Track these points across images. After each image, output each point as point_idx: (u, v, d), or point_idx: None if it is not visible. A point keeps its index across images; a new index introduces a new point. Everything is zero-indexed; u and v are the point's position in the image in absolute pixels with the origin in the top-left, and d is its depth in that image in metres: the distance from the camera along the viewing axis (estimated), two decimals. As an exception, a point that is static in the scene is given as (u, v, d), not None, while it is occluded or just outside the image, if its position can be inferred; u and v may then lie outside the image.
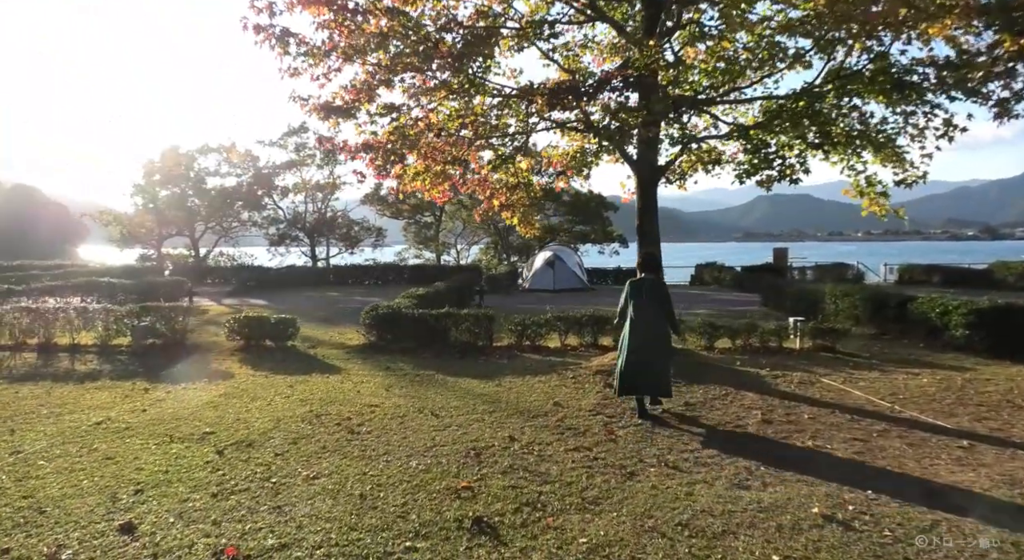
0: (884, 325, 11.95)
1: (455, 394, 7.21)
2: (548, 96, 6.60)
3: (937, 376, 8.24)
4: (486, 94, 7.16)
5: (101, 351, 9.69)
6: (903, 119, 8.25)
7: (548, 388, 7.52)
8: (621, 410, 6.51)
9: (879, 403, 6.90)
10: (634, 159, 8.57)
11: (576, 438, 5.55)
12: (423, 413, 6.32)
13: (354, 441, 5.35)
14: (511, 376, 8.23)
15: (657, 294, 6.40)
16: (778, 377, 8.13)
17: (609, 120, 7.33)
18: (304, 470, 4.61)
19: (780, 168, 7.64)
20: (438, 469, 4.68)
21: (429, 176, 8.34)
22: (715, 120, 9.01)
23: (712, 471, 4.74)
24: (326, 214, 40.35)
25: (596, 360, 9.00)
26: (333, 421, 5.97)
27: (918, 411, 6.57)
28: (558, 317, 10.50)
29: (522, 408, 6.57)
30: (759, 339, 10.28)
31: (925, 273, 25.67)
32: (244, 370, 8.53)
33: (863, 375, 8.36)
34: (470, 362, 9.30)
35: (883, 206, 8.81)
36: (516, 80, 8.68)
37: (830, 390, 7.52)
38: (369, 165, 8.03)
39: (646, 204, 8.63)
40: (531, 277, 25.82)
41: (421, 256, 44.08)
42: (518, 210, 9.88)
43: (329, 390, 7.34)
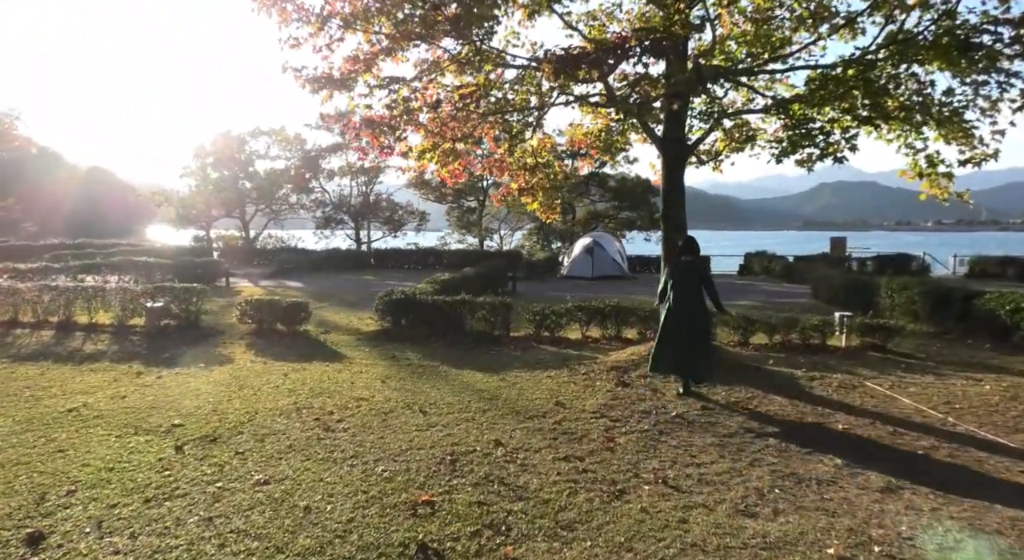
0: (946, 323, 10.80)
1: (453, 388, 6.74)
2: (555, 64, 5.96)
3: (1003, 383, 7.25)
4: (492, 64, 6.56)
5: (116, 331, 9.67)
6: (973, 90, 7.21)
7: (555, 385, 6.96)
8: (628, 412, 5.90)
9: (930, 413, 6.05)
10: (659, 137, 7.82)
11: (570, 445, 4.98)
12: (411, 409, 5.87)
13: (325, 440, 4.94)
14: (519, 370, 7.70)
15: (699, 276, 6.58)
16: (815, 379, 7.31)
17: (629, 92, 6.61)
18: (258, 473, 4.22)
19: (823, 145, 6.76)
20: (403, 477, 4.21)
21: (437, 154, 7.83)
22: (752, 93, 8.14)
23: (716, 492, 4.10)
24: (370, 197, 40.55)
25: (614, 355, 8.37)
26: (312, 416, 5.59)
27: (976, 424, 5.70)
28: (579, 307, 9.88)
29: (520, 407, 6.04)
30: (800, 335, 9.40)
31: (999, 266, 23.65)
32: (246, 356, 8.30)
33: (915, 379, 7.45)
34: (481, 353, 8.82)
35: (945, 189, 7.79)
36: (535, 53, 8.05)
37: (874, 396, 6.68)
38: (372, 142, 7.58)
39: (672, 186, 7.88)
40: (569, 264, 25.15)
41: (464, 241, 43.82)
42: (538, 193, 9.27)
43: (323, 380, 6.99)
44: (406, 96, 7.01)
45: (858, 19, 7.29)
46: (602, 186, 40.06)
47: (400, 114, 7.19)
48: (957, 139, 7.48)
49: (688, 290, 6.56)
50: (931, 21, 6.59)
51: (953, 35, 6.12)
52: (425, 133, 7.67)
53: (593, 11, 8.52)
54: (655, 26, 5.92)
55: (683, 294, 6.54)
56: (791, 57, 7.73)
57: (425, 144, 7.70)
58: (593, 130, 9.44)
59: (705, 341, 6.69)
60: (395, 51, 6.91)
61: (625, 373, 7.40)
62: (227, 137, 35.89)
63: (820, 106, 7.03)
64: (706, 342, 6.69)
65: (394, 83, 6.85)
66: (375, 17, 6.72)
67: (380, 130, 7.27)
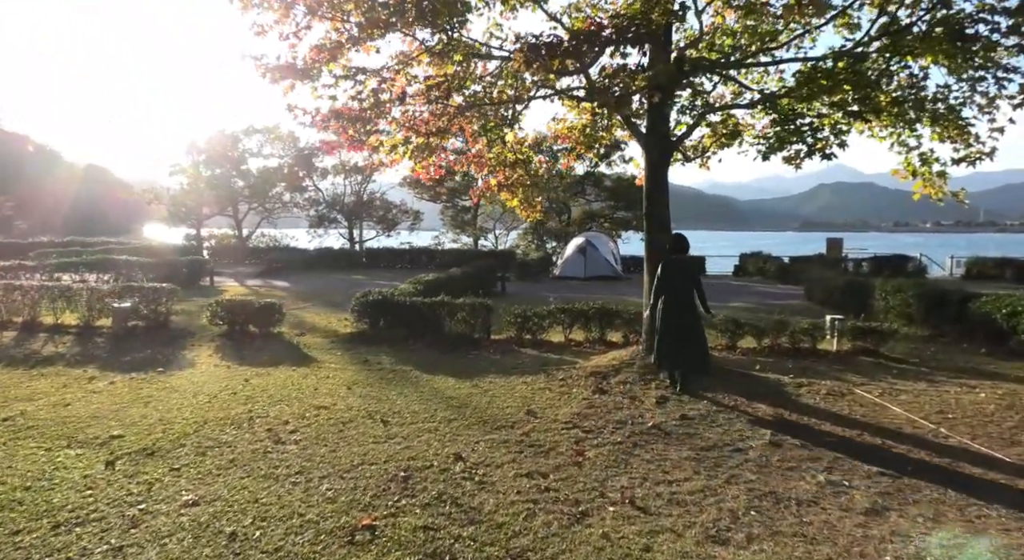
0: (941, 326, 10.49)
1: (421, 396, 6.40)
2: (526, 53, 5.63)
3: (998, 391, 6.93)
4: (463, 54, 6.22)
5: (81, 333, 9.32)
6: (969, 86, 6.89)
7: (529, 392, 6.63)
8: (603, 422, 5.57)
9: (921, 423, 5.73)
10: (642, 132, 7.49)
11: (535, 459, 4.65)
12: (372, 419, 5.54)
13: (272, 454, 4.60)
14: (494, 375, 7.37)
15: (690, 275, 6.82)
16: (803, 386, 6.99)
17: (609, 84, 6.28)
18: (189, 492, 3.89)
19: (811, 141, 6.43)
20: (348, 497, 3.88)
21: (410, 149, 7.48)
22: (740, 87, 7.80)
23: (687, 514, 3.77)
24: (364, 196, 40.22)
25: (595, 359, 8.04)
26: (265, 426, 5.25)
27: (969, 436, 5.38)
28: (562, 309, 9.55)
29: (488, 416, 5.71)
30: (789, 339, 9.08)
31: (996, 267, 23.39)
32: (211, 359, 7.96)
33: (907, 386, 7.13)
34: (459, 357, 8.48)
35: (939, 189, 7.47)
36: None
37: (863, 405, 6.36)
38: (342, 135, 7.23)
39: (655, 183, 7.55)
40: (562, 264, 24.85)
41: (458, 240, 43.48)
42: (518, 191, 8.93)
43: (285, 386, 6.65)
44: (374, 88, 6.67)
45: (849, 9, 6.96)
46: (598, 186, 39.76)
47: (370, 107, 6.84)
48: (952, 137, 7.15)
49: (683, 288, 6.73)
50: (925, 10, 6.26)
51: (947, 25, 5.79)
52: (397, 127, 7.32)
53: (577, 2, 8.19)
54: (633, 13, 5.58)
55: (677, 292, 6.69)
56: (780, 49, 7.40)
57: (397, 138, 7.35)
58: (577, 125, 9.10)
59: (702, 338, 6.87)
60: (364, 41, 6.56)
61: (604, 379, 7.08)
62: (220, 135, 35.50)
63: (809, 101, 6.70)
64: (703, 338, 6.85)
65: (360, 73, 6.51)
66: (341, 4, 6.38)
67: (349, 123, 6.92)
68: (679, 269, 6.79)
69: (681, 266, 6.84)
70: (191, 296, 13.79)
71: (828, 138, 6.51)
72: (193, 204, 34.61)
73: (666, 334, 6.71)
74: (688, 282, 6.76)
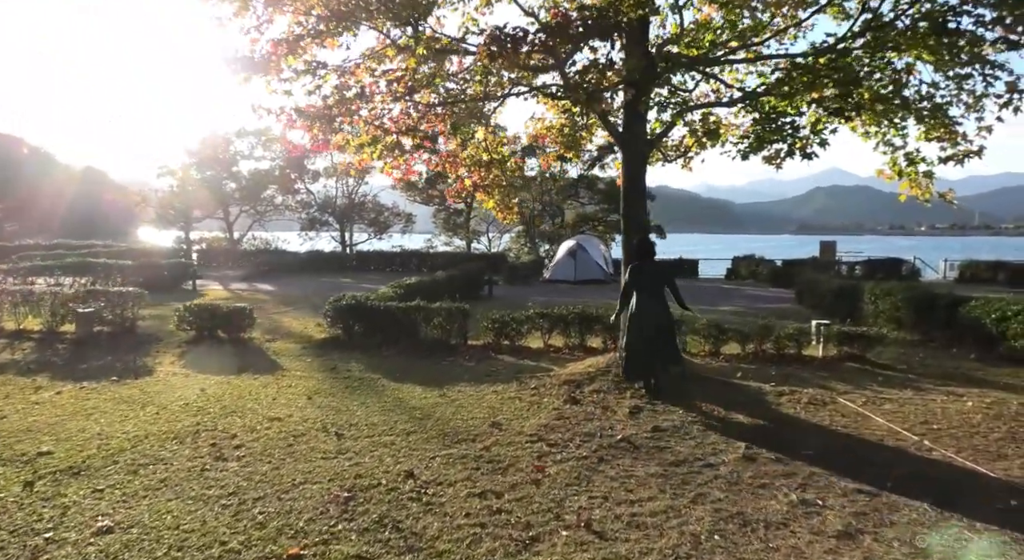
0: (930, 331, 10.25)
1: (384, 406, 6.11)
2: (489, 47, 5.36)
3: (986, 399, 6.68)
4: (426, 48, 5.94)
5: (43, 338, 9.01)
6: (956, 84, 6.65)
7: (498, 401, 6.35)
8: (570, 435, 5.28)
9: (905, 435, 5.46)
10: (619, 131, 7.23)
11: (492, 476, 4.37)
12: (326, 432, 5.24)
13: (209, 472, 4.31)
14: (465, 383, 7.09)
15: (660, 279, 6.64)
16: (784, 395, 6.72)
17: (580, 80, 6.01)
18: (107, 517, 3.58)
19: (791, 140, 6.18)
20: (280, 522, 3.58)
21: (379, 148, 7.20)
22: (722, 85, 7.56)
23: (645, 539, 3.49)
24: (355, 199, 39.97)
25: (570, 367, 7.76)
26: (210, 440, 4.96)
27: (954, 449, 5.11)
28: (540, 314, 9.27)
29: (450, 429, 5.42)
30: (774, 345, 8.81)
31: (990, 270, 23.21)
32: (172, 367, 7.65)
33: (892, 394, 6.87)
34: (432, 363, 8.20)
35: (926, 189, 7.23)
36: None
37: (845, 415, 6.09)
38: (308, 133, 6.95)
39: (633, 184, 7.29)
40: (552, 268, 24.60)
41: (451, 243, 43.22)
42: (494, 192, 8.66)
43: (243, 396, 6.35)
44: (336, 84, 6.39)
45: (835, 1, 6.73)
46: (591, 188, 39.60)
47: (335, 104, 6.56)
48: (939, 135, 6.92)
49: (655, 293, 6.57)
50: (908, 3, 6.02)
51: (931, 18, 5.55)
52: (365, 125, 7.05)
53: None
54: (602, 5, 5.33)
55: (649, 297, 6.52)
56: (762, 45, 7.17)
57: (364, 137, 7.07)
58: (556, 125, 8.85)
59: (674, 342, 6.84)
60: (327, 35, 6.28)
61: (578, 388, 6.80)
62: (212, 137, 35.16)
63: (789, 98, 6.46)
64: (671, 341, 6.74)
65: (320, 68, 6.23)
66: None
67: (313, 121, 6.64)
68: (654, 274, 6.62)
69: (656, 271, 6.67)
70: (171, 300, 13.45)
71: (809, 137, 6.25)
72: (182, 206, 34.22)
73: (635, 345, 6.51)
74: (657, 287, 6.58)
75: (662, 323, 6.60)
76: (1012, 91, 6.16)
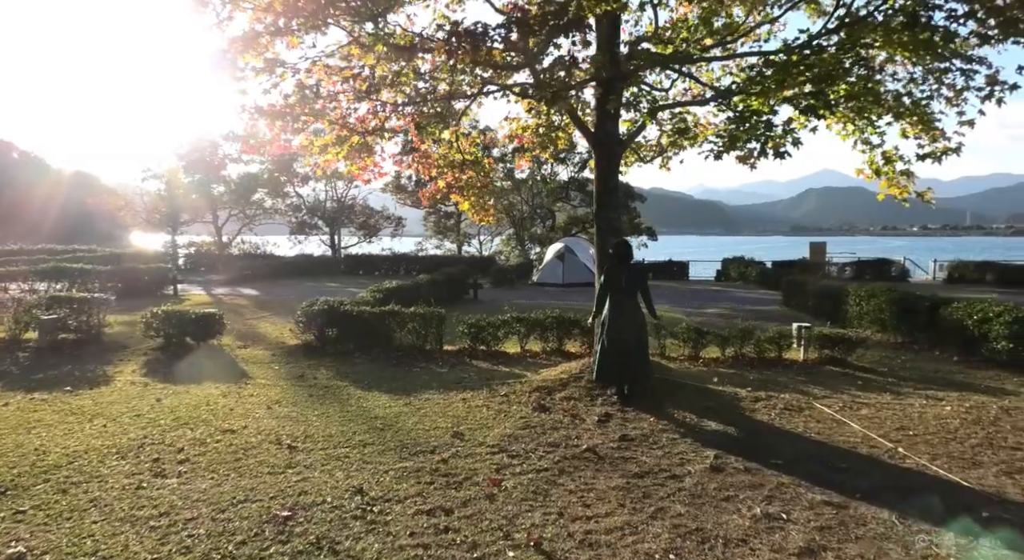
0: (913, 333, 10.11)
1: (345, 416, 5.91)
2: (448, 42, 5.18)
3: (965, 403, 6.53)
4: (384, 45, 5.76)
5: (6, 347, 8.74)
6: (936, 79, 6.52)
7: (465, 409, 6.15)
8: (533, 445, 5.10)
9: (879, 442, 5.30)
10: (591, 130, 7.06)
11: (445, 491, 4.17)
12: (279, 444, 5.04)
13: (145, 490, 4.09)
14: (434, 391, 6.89)
15: (635, 283, 6.45)
16: (759, 400, 6.55)
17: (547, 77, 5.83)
18: (22, 543, 3.35)
19: (764, 139, 6.02)
20: (209, 545, 3.38)
21: (346, 148, 7.00)
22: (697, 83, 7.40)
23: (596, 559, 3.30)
24: (345, 202, 39.74)
25: (544, 373, 7.57)
26: (153, 455, 4.74)
27: (928, 456, 4.95)
28: (517, 318, 9.09)
29: (410, 440, 5.22)
30: (754, 349, 8.66)
31: (978, 271, 23.17)
32: (132, 376, 7.42)
33: (871, 399, 6.72)
34: (404, 370, 8.00)
35: (904, 188, 7.09)
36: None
37: (821, 420, 5.93)
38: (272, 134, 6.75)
39: (605, 185, 7.12)
40: (540, 270, 24.47)
41: (441, 246, 43.02)
42: (469, 194, 8.48)
43: (200, 406, 6.13)
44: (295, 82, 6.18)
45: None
46: (582, 190, 39.44)
47: (296, 103, 6.36)
48: (917, 132, 6.79)
49: (631, 298, 6.45)
50: (882, 0, 5.87)
51: (904, 13, 5.40)
52: (330, 125, 6.85)
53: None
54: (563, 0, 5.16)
55: (624, 302, 6.40)
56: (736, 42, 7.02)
57: (328, 137, 6.87)
58: (531, 125, 8.67)
59: (644, 349, 6.68)
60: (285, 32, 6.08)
61: (549, 395, 6.61)
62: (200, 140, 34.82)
63: (762, 97, 6.29)
64: (644, 349, 6.63)
65: (277, 66, 6.02)
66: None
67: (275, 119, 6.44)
68: (631, 278, 6.44)
69: (633, 275, 6.50)
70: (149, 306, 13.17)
71: (782, 136, 6.08)
72: (169, 210, 33.84)
73: (609, 348, 6.34)
74: (632, 291, 6.43)
75: (637, 329, 6.46)
76: (992, 83, 6.02)
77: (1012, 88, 6.02)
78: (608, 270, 6.54)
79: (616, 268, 6.42)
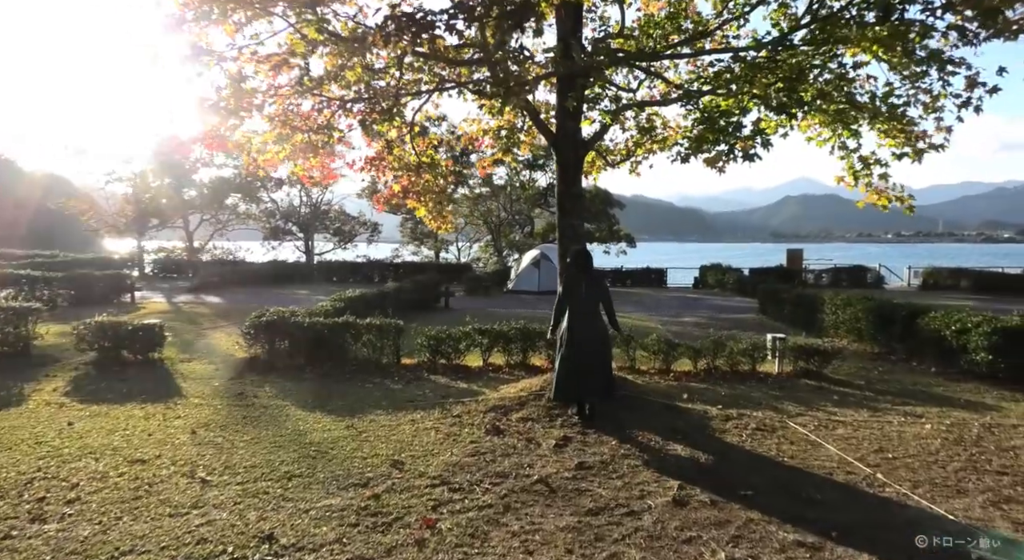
0: (890, 343, 9.81)
1: (276, 441, 5.35)
2: (383, 28, 4.70)
3: (946, 420, 6.17)
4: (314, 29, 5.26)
5: (-78, 363, 8.03)
6: (911, 83, 6.18)
7: (412, 433, 5.63)
8: (480, 476, 4.59)
9: (857, 466, 4.89)
10: (552, 131, 6.61)
11: (368, 536, 3.65)
12: (191, 478, 4.47)
13: (14, 540, 3.50)
14: (383, 411, 6.35)
15: (595, 293, 6.00)
16: (730, 419, 6.13)
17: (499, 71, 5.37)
18: None
19: (733, 141, 5.62)
20: (68, 611, 2.83)
21: (287, 148, 6.47)
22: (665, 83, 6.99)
23: (530, 624, 2.81)
24: (320, 207, 39.00)
25: (503, 389, 7.08)
26: (39, 493, 4.14)
27: (909, 484, 4.55)
28: (480, 330, 8.58)
29: (343, 470, 4.69)
30: (727, 361, 8.26)
31: (952, 277, 23.22)
32: (50, 396, 6.77)
33: (848, 416, 6.33)
34: (355, 387, 7.45)
35: (883, 194, 6.76)
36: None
37: (795, 442, 5.51)
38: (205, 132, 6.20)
39: (568, 189, 6.67)
40: (516, 278, 23.99)
41: (419, 253, 42.38)
42: (426, 199, 7.98)
43: (114, 431, 5.53)
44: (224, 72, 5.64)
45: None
46: (561, 197, 39.04)
47: (229, 96, 5.82)
48: (895, 135, 6.45)
49: (591, 309, 5.98)
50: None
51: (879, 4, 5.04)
52: (270, 122, 6.31)
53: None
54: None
55: (584, 313, 5.92)
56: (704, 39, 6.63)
57: (269, 134, 6.33)
58: (493, 127, 8.21)
59: (608, 364, 6.24)
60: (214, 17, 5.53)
61: (505, 415, 6.11)
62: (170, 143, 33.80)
63: (730, 96, 5.91)
64: (606, 362, 6.18)
65: (204, 55, 5.48)
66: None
67: (208, 114, 5.88)
68: (585, 287, 5.96)
69: (594, 284, 6.05)
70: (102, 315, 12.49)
71: (751, 137, 5.69)
72: (135, 214, 32.75)
73: (569, 364, 5.87)
74: (593, 302, 5.97)
75: (599, 342, 5.99)
76: (972, 85, 5.68)
77: (992, 91, 5.69)
78: (567, 279, 6.11)
79: (575, 277, 5.97)
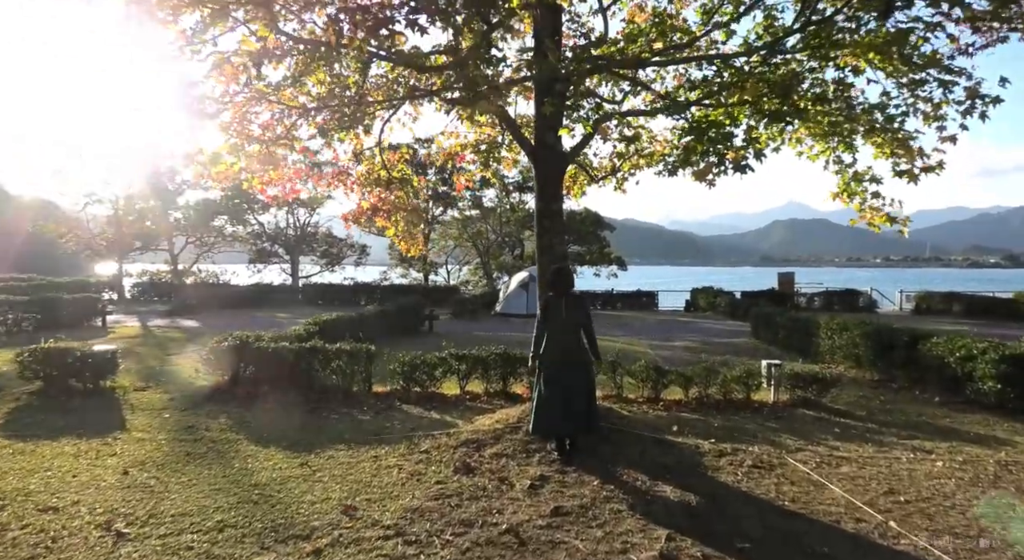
0: (890, 369, 9.35)
1: (216, 484, 4.76)
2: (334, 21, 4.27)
3: (958, 457, 5.66)
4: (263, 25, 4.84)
5: None
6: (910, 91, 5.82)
7: (372, 471, 5.06)
8: (442, 525, 4.03)
9: (866, 512, 4.36)
10: (530, 143, 6.18)
11: (301, 602, 3.08)
12: (106, 530, 3.88)
13: None
14: (344, 446, 5.78)
15: (576, 316, 5.47)
16: (724, 455, 5.59)
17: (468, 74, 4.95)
18: None
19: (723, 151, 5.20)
20: None
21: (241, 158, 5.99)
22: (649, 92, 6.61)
23: None
24: (307, 229, 38.55)
25: (478, 421, 6.52)
26: (-78, 549, 3.57)
27: (927, 534, 4.03)
28: (457, 356, 8.05)
29: (285, 518, 4.11)
30: (720, 389, 7.76)
31: (945, 301, 22.95)
32: (-21, 430, 6.17)
33: (851, 451, 5.82)
34: (319, 418, 6.87)
35: (877, 212, 6.35)
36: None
37: (796, 482, 4.98)
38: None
39: (547, 205, 6.22)
40: (504, 300, 23.51)
41: (407, 275, 41.86)
42: (397, 218, 7.50)
43: (35, 471, 4.93)
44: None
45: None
46: (551, 219, 38.78)
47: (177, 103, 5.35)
48: (893, 149, 6.07)
49: (574, 332, 5.47)
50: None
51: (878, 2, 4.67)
52: (224, 132, 5.84)
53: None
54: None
55: (566, 337, 5.43)
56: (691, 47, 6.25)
57: (224, 145, 5.86)
58: (472, 141, 7.79)
59: (591, 394, 5.54)
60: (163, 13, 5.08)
61: (477, 451, 5.56)
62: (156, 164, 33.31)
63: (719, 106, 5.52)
64: (589, 392, 5.49)
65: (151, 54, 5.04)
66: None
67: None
68: (565, 309, 5.44)
69: (567, 306, 5.48)
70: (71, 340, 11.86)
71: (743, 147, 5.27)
72: (115, 237, 32.08)
73: (547, 395, 5.32)
74: (574, 326, 5.45)
75: (580, 371, 5.42)
76: (973, 97, 5.35)
77: (995, 101, 5.36)
78: (545, 301, 5.60)
79: (554, 300, 5.47)
